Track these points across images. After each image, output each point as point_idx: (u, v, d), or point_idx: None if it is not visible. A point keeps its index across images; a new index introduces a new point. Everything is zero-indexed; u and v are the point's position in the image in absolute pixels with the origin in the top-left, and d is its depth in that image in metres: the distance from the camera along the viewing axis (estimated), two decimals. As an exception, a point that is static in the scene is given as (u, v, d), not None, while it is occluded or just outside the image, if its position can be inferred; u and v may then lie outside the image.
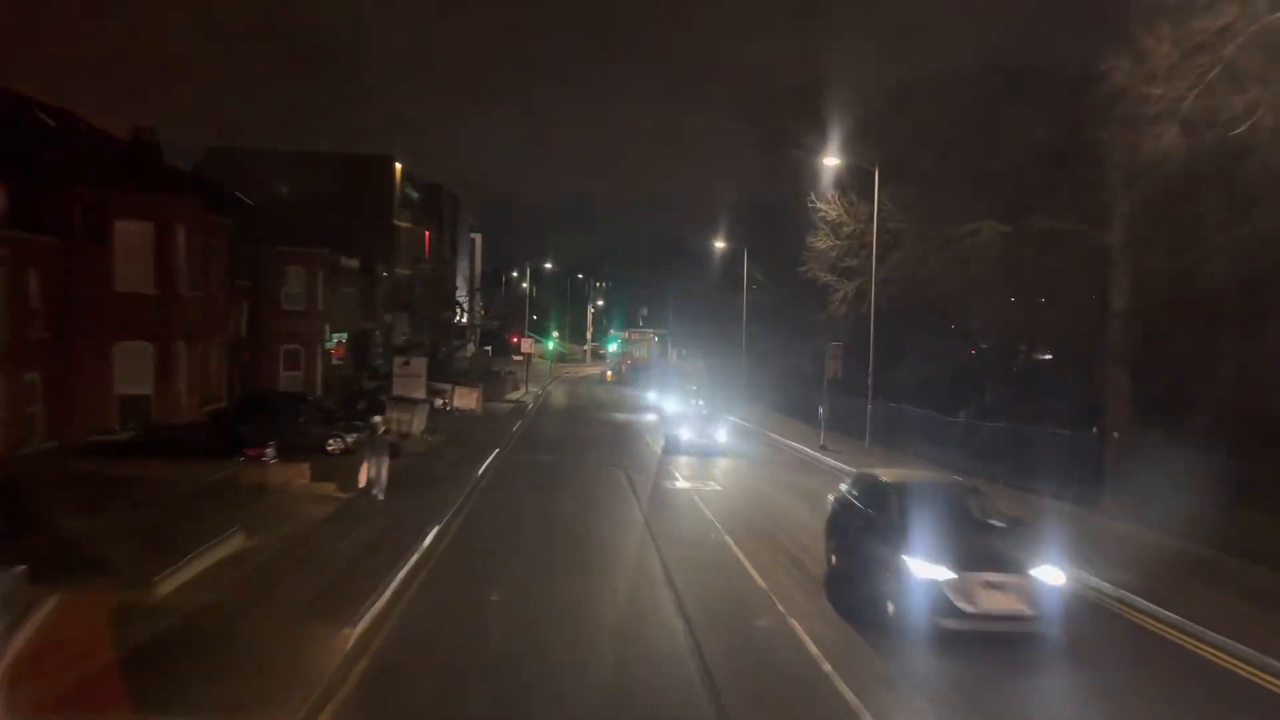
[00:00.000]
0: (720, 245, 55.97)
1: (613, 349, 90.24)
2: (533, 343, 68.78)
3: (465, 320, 64.40)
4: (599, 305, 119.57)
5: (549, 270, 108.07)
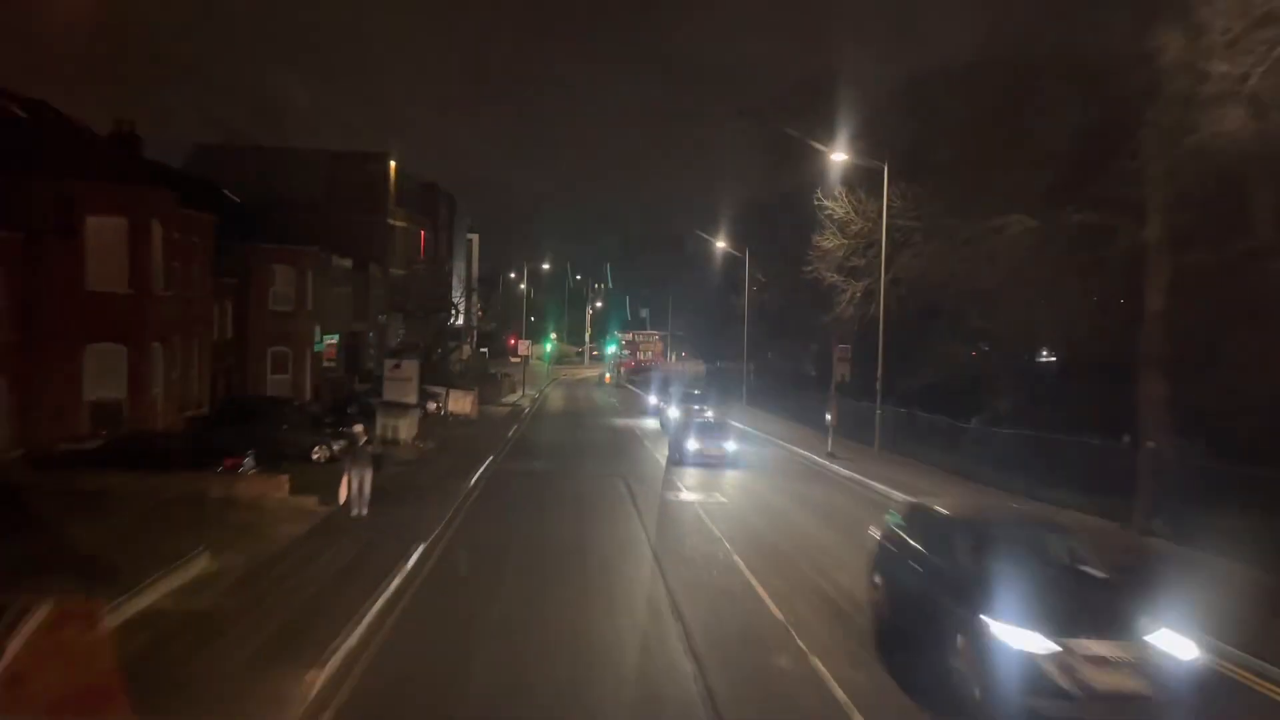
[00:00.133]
0: (721, 246, 54.92)
1: (610, 351, 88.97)
2: (530, 345, 67.76)
3: (461, 322, 63.24)
4: (597, 307, 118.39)
5: (547, 271, 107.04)
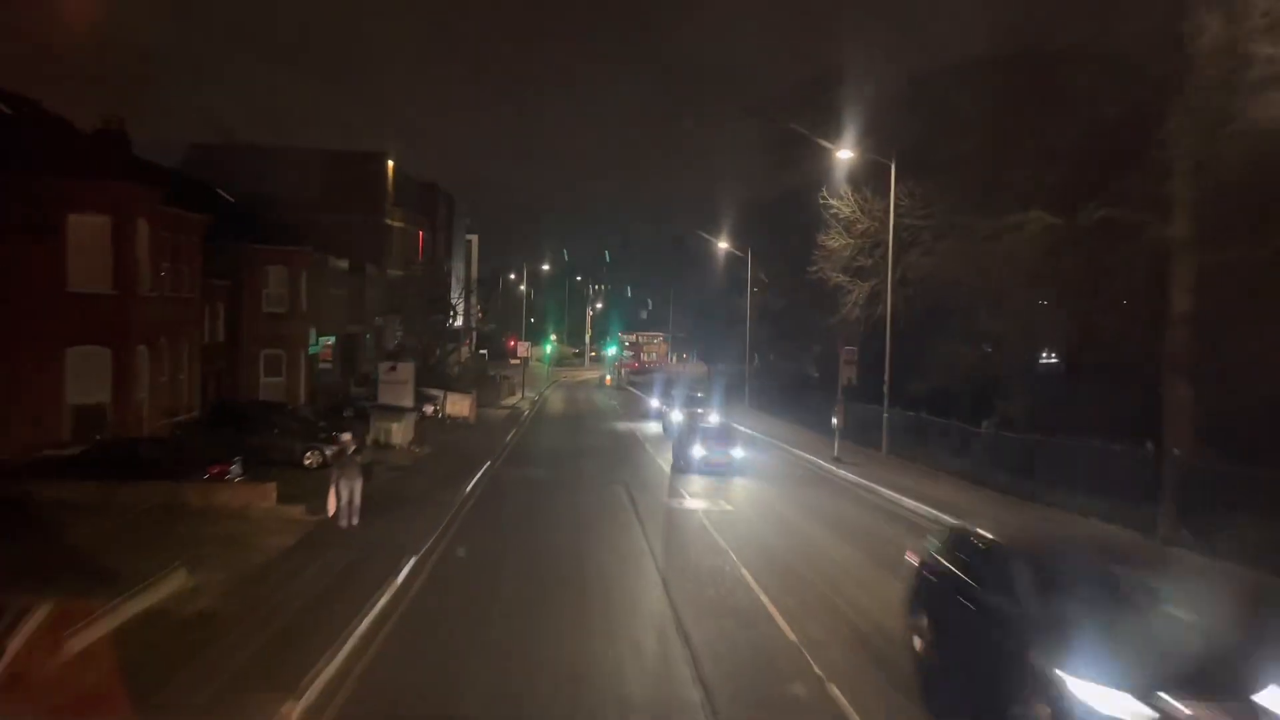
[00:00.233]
0: (723, 246, 54.24)
1: (610, 353, 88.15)
2: (529, 346, 67.11)
3: (460, 323, 62.57)
4: (598, 308, 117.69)
5: (547, 272, 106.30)
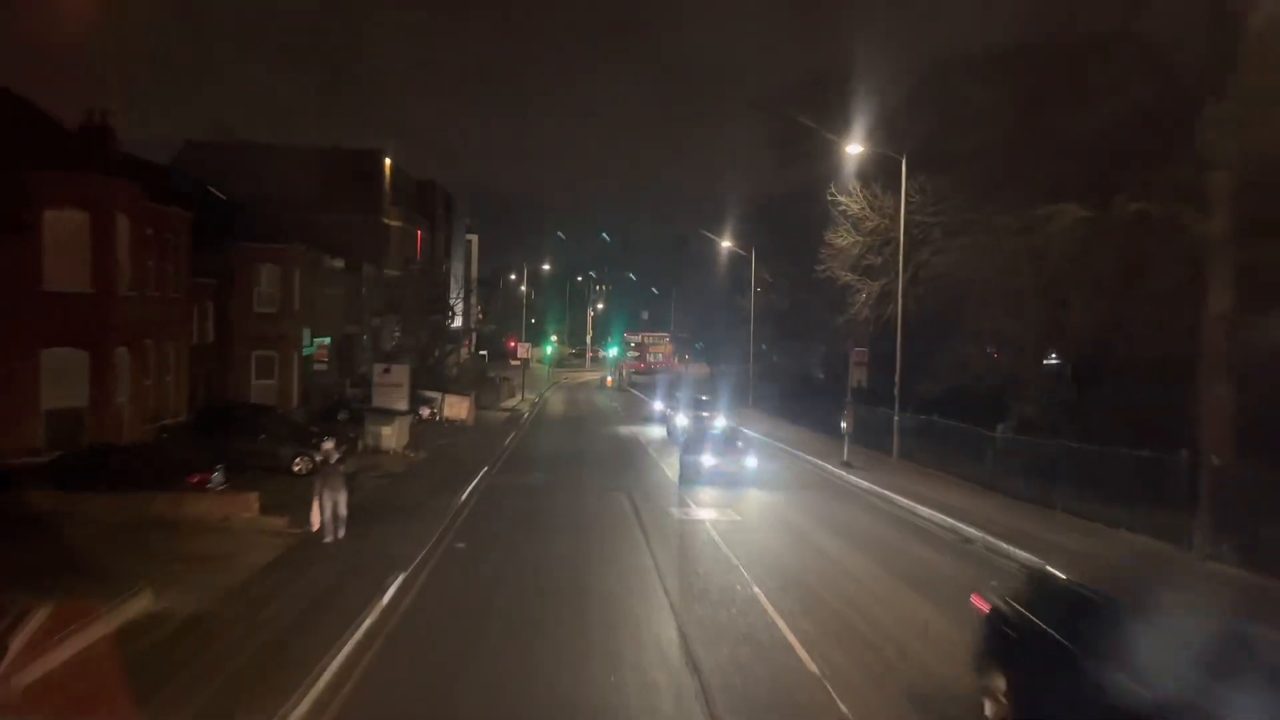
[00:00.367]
0: (726, 245, 53.30)
1: (611, 354, 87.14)
2: (529, 347, 66.21)
3: (459, 324, 61.64)
4: (599, 308, 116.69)
5: (548, 272, 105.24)
